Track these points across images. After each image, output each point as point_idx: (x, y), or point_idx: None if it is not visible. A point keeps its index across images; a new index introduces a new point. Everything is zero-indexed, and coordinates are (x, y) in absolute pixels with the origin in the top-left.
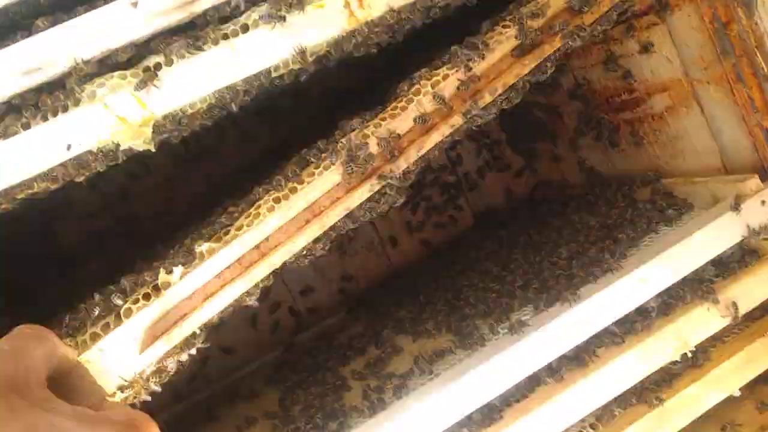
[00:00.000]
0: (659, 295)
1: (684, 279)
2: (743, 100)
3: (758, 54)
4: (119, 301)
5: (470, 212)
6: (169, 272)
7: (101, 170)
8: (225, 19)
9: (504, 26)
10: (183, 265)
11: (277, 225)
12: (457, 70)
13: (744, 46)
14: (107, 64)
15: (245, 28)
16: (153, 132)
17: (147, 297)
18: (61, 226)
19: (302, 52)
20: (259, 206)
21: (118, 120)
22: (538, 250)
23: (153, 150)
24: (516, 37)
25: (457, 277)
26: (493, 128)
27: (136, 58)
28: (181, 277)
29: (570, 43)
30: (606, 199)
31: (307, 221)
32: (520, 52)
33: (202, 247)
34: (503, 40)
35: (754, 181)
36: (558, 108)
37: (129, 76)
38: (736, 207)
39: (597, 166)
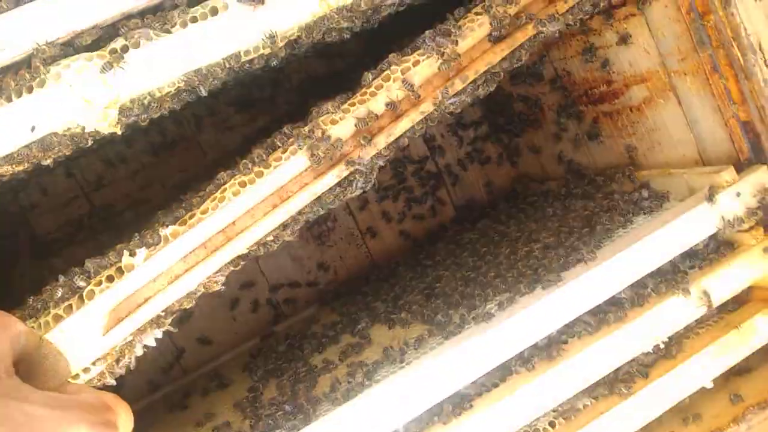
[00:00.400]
0: (633, 285)
1: (658, 269)
2: (720, 92)
3: (734, 45)
4: (82, 283)
5: (451, 204)
6: (133, 254)
7: (67, 153)
8: (194, 2)
9: (477, 13)
10: (147, 247)
11: (243, 209)
12: (428, 57)
13: (720, 38)
14: (74, 46)
15: (214, 11)
16: (119, 114)
17: (110, 279)
18: (36, 213)
19: (272, 37)
20: (225, 189)
21: (83, 102)
22: (515, 241)
23: (119, 133)
24: (489, 24)
25: (435, 268)
26: (476, 120)
27: (103, 40)
28: (144, 260)
29: (543, 30)
30: (584, 191)
31: (274, 206)
32: (493, 39)
33: (167, 230)
34: (475, 27)
35: (730, 173)
36: (538, 100)
37: (95, 58)
38: (710, 198)
39: (576, 158)
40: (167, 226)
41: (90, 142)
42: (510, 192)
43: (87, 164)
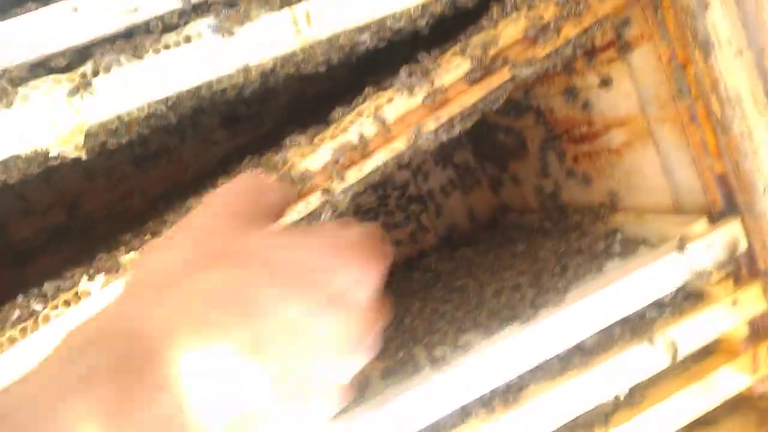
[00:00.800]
0: (598, 332)
1: (625, 317)
2: (696, 142)
3: (713, 97)
4: (38, 307)
5: (433, 231)
6: (91, 280)
7: (34, 172)
8: (168, 29)
9: (453, 54)
10: (106, 273)
11: None
12: (402, 94)
13: (700, 89)
14: (45, 67)
15: (187, 39)
16: (85, 139)
17: (67, 304)
18: (13, 219)
19: (245, 68)
20: None
21: (50, 125)
22: (490, 275)
23: (84, 157)
24: (466, 65)
25: (405, 299)
26: (460, 149)
27: (74, 63)
28: (102, 287)
29: (518, 75)
30: (560, 228)
31: None
32: (469, 81)
33: (126, 257)
34: (451, 68)
35: (701, 224)
36: (522, 133)
37: (64, 81)
38: (681, 248)
39: (556, 194)
40: (128, 252)
41: (57, 163)
42: (490, 221)
43: (67, 172)
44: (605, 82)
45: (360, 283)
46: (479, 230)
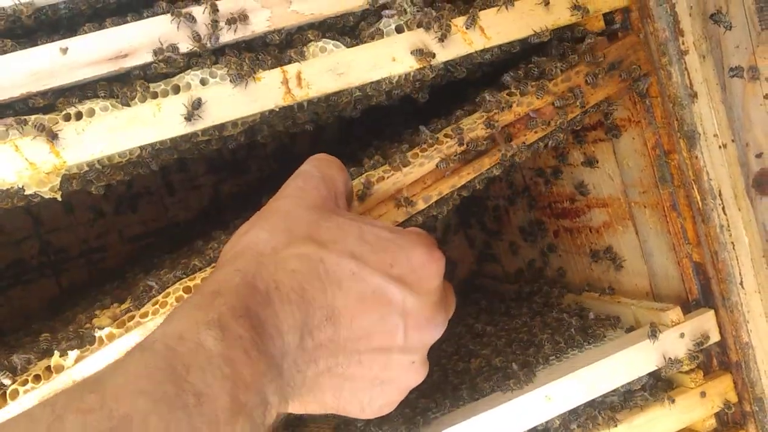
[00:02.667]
0: (564, 414)
1: (592, 401)
2: (676, 230)
3: (695, 187)
4: (7, 381)
5: None
6: (64, 355)
7: (5, 207)
8: (158, 78)
9: (446, 135)
10: (79, 349)
11: None
12: (393, 173)
13: (682, 178)
14: (28, 105)
15: (176, 90)
16: (62, 181)
17: (37, 379)
18: None
19: (232, 122)
20: (168, 294)
21: (27, 164)
22: (458, 346)
23: (59, 199)
24: (457, 146)
25: None
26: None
27: (61, 104)
28: (75, 362)
29: (507, 160)
30: (535, 302)
31: None
32: (460, 163)
33: (103, 332)
34: (443, 148)
35: (675, 312)
36: (505, 203)
37: (47, 122)
38: (653, 335)
39: (536, 265)
40: (104, 326)
41: (27, 202)
42: (470, 286)
43: (45, 204)
44: (590, 162)
45: (426, 267)
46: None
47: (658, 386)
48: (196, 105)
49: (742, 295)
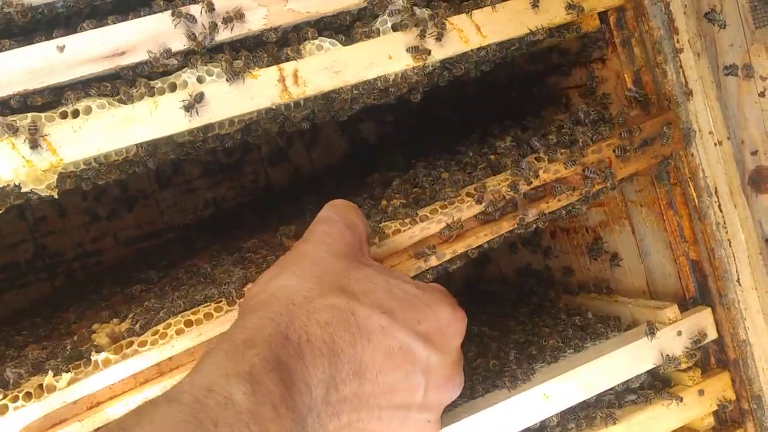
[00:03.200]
0: (562, 413)
1: (590, 400)
2: (672, 228)
3: (691, 185)
4: None
5: None
6: (57, 376)
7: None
8: (153, 75)
9: (468, 194)
10: (74, 371)
11: (184, 349)
12: (410, 227)
13: (679, 176)
14: (26, 103)
15: (173, 87)
16: (58, 180)
17: (28, 396)
18: None
19: (229, 120)
20: (170, 326)
21: (24, 162)
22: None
23: (56, 197)
24: (478, 209)
25: None
26: None
27: (55, 102)
28: (68, 384)
29: (524, 224)
30: (533, 303)
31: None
32: (480, 222)
33: (99, 356)
34: (464, 208)
35: (672, 310)
36: None
37: (44, 119)
38: (650, 333)
39: (532, 267)
40: (101, 349)
41: (22, 200)
42: (466, 287)
43: (40, 208)
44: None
45: (451, 326)
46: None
47: (656, 385)
48: (198, 98)
49: (739, 293)
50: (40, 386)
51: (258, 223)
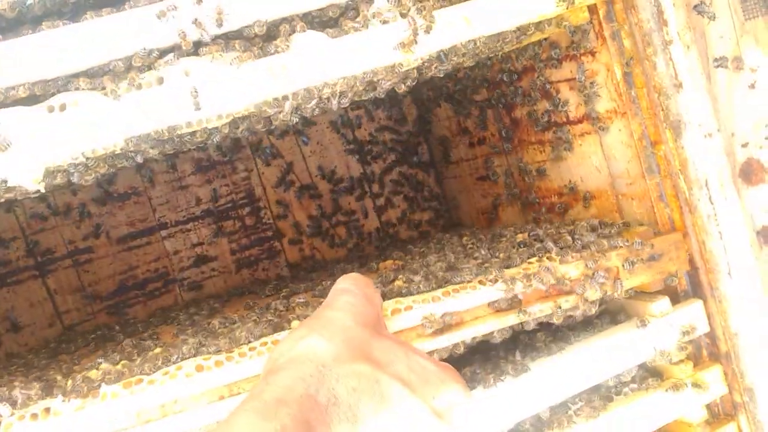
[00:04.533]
0: (553, 407)
1: (581, 393)
2: (663, 220)
3: (681, 178)
4: (5, 411)
5: None
6: (65, 401)
7: None
8: (142, 68)
9: (480, 282)
10: (82, 398)
11: (192, 394)
12: (422, 305)
13: (669, 168)
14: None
15: (160, 81)
16: (44, 175)
17: (35, 417)
18: None
19: (219, 115)
20: (180, 368)
21: (8, 154)
22: None
23: (43, 191)
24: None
25: None
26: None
27: (41, 95)
28: (75, 410)
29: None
30: None
31: (221, 397)
32: (492, 309)
33: (108, 389)
34: (476, 294)
35: (664, 303)
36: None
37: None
38: (642, 325)
39: None
40: (111, 381)
41: (16, 197)
42: None
43: (31, 205)
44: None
45: (461, 406)
46: None
47: (647, 378)
48: (196, 92)
49: (731, 285)
50: (47, 409)
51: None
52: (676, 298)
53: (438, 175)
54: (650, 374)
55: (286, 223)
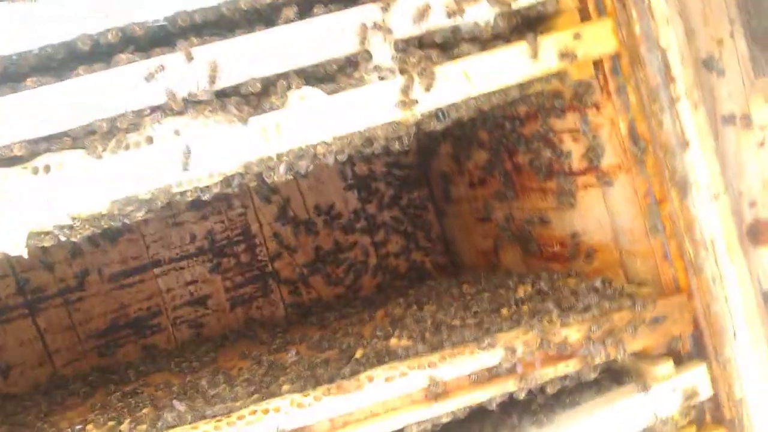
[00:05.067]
0: None
1: None
2: (667, 281)
3: (686, 238)
4: None
5: None
6: None
7: None
8: (131, 129)
9: (482, 348)
10: None
11: None
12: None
13: (674, 228)
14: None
15: (149, 141)
16: (28, 239)
17: None
18: None
19: (211, 174)
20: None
21: None
22: None
23: (25, 256)
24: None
25: None
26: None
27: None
28: None
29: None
30: None
31: None
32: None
33: None
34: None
35: (667, 366)
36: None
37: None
38: (644, 389)
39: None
40: None
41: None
42: None
43: None
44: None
45: None
46: None
47: None
48: (187, 151)
49: (736, 349)
50: None
51: None
52: (679, 360)
53: (439, 213)
54: None
55: (282, 261)
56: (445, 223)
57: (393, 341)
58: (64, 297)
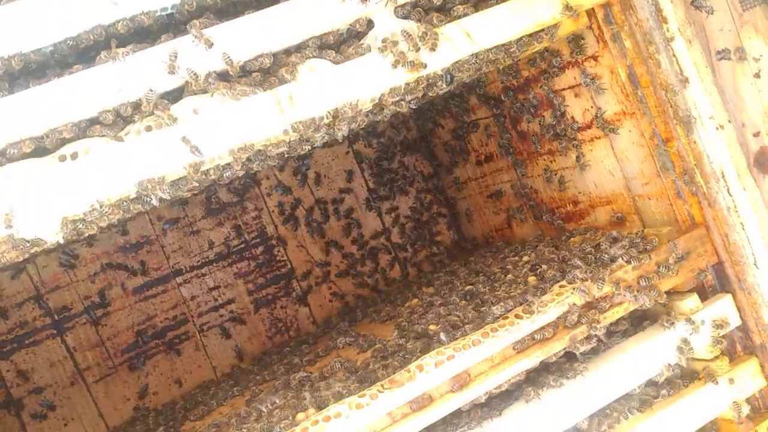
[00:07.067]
0: (591, 415)
1: (619, 398)
2: (683, 217)
3: (697, 172)
4: None
5: None
6: None
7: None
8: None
9: (517, 316)
10: None
11: None
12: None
13: (684, 164)
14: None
15: (173, 120)
16: (62, 225)
17: None
18: None
19: (235, 149)
20: None
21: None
22: None
23: (61, 242)
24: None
25: None
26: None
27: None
28: None
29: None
30: None
31: None
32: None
33: None
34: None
35: (693, 300)
36: (509, 210)
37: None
38: (671, 325)
39: None
40: None
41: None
42: None
43: (44, 264)
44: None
45: None
46: None
47: (683, 379)
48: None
49: (758, 276)
50: None
51: None
52: (704, 294)
53: (447, 198)
54: (684, 376)
55: (300, 258)
56: (457, 205)
57: (431, 327)
58: (89, 314)
